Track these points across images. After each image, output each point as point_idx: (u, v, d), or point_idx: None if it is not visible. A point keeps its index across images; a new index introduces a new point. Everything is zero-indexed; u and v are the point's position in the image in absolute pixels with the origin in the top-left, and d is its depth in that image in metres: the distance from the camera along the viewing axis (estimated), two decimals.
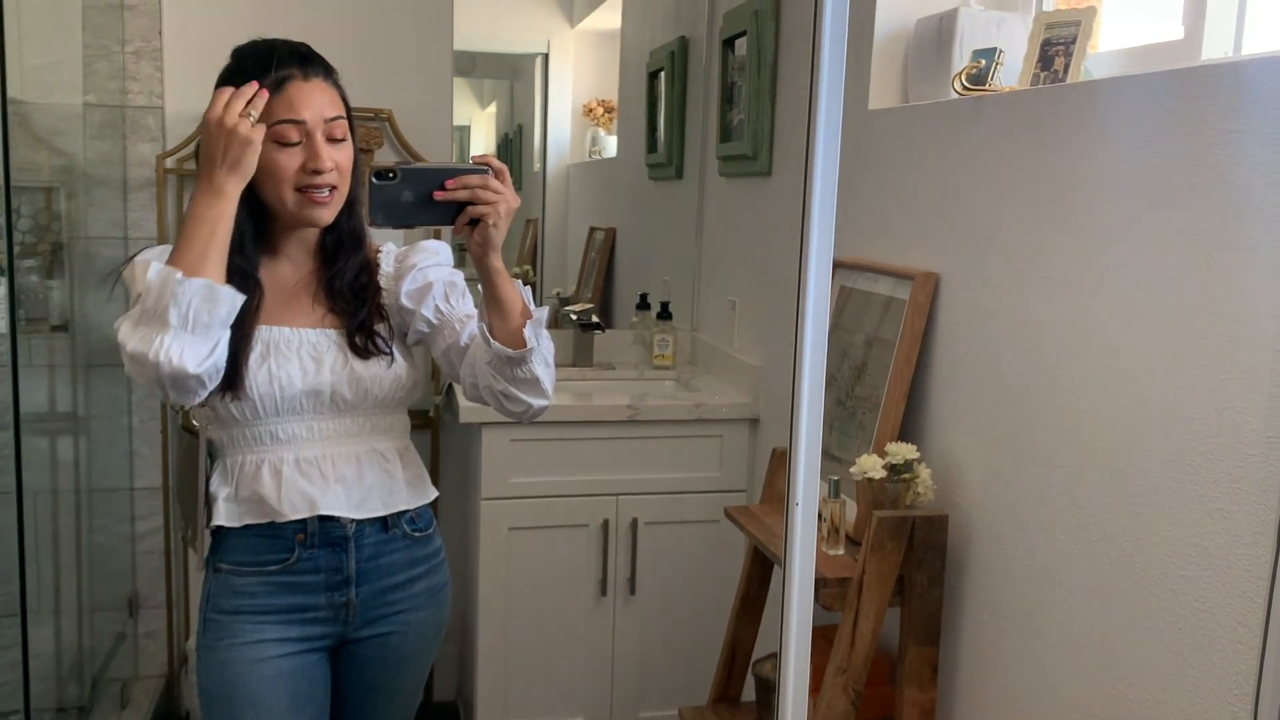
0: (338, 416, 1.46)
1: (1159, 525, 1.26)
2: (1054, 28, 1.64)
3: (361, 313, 1.48)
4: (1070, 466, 1.42)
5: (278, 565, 1.45)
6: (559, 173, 3.18)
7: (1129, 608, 1.31)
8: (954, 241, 1.70)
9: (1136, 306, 1.30)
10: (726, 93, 2.74)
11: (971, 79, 1.70)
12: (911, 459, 1.65)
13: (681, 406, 2.52)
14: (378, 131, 2.72)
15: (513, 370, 1.41)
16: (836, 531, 1.73)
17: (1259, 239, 1.12)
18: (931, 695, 1.67)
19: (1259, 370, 1.12)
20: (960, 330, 1.69)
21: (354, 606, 1.49)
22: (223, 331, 1.29)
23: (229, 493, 1.45)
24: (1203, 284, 1.20)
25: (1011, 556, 1.55)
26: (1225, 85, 1.18)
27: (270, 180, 1.38)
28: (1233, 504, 1.15)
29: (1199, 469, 1.20)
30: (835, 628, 1.68)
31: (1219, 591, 1.18)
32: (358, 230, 1.50)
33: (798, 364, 0.92)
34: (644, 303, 3.00)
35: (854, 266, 1.99)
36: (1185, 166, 1.22)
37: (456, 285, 1.54)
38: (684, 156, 3.00)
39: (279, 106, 1.37)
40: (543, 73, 3.13)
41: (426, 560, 1.56)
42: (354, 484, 1.47)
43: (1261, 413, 1.11)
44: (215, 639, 1.46)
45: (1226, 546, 1.16)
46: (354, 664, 1.54)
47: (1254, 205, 1.13)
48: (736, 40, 2.65)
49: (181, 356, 1.23)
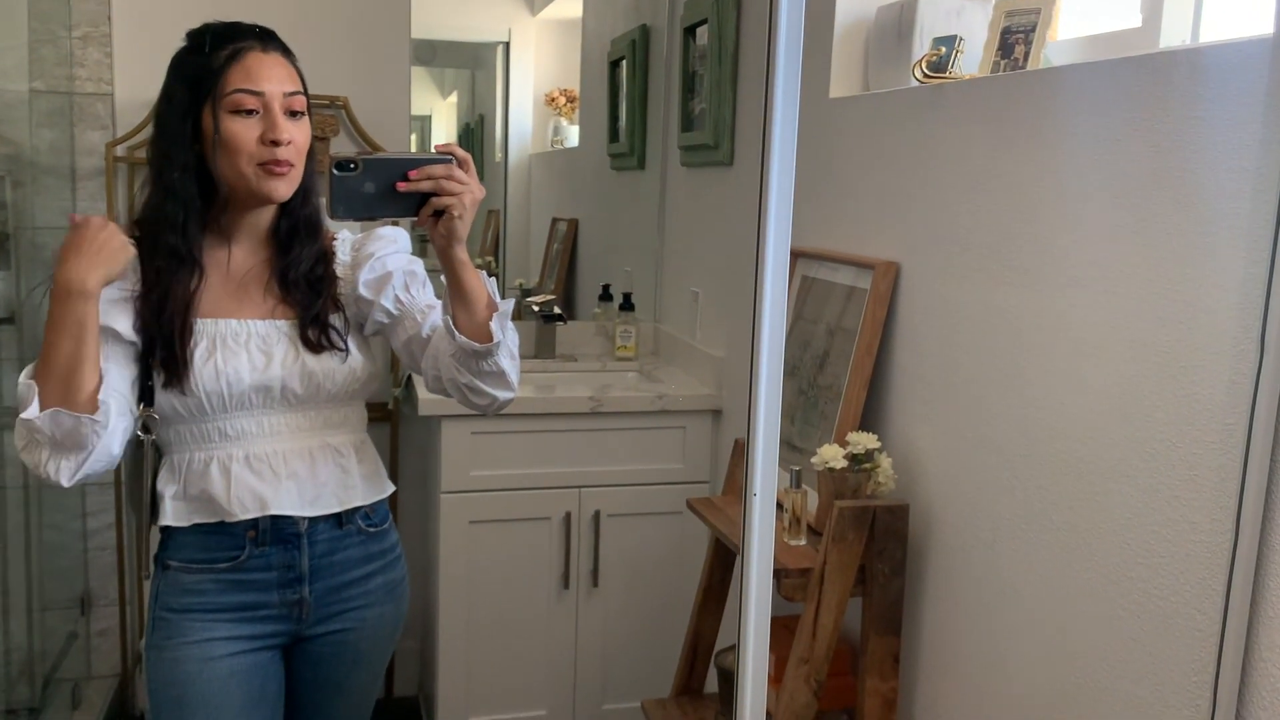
0: (289, 411, 1.43)
1: (1118, 513, 1.27)
2: (1014, 15, 1.64)
3: (316, 305, 1.44)
4: (1030, 455, 1.42)
5: (228, 563, 1.42)
6: (521, 163, 3.15)
7: (1089, 596, 1.31)
8: (915, 230, 1.70)
9: (1096, 294, 1.30)
10: (688, 82, 2.72)
11: (932, 67, 1.69)
12: (872, 448, 1.64)
13: (644, 398, 2.50)
14: (333, 119, 2.67)
15: (478, 363, 1.39)
16: (798, 522, 1.72)
17: (1218, 225, 1.12)
18: (893, 685, 1.67)
19: (1218, 358, 1.12)
20: (921, 320, 1.68)
21: (308, 604, 1.46)
22: (95, 441, 1.29)
23: (176, 490, 1.41)
24: (1162, 271, 1.20)
25: (972, 546, 1.54)
26: (1183, 72, 1.17)
27: (227, 152, 1.34)
28: (1191, 491, 1.16)
29: (1158, 457, 1.20)
30: (797, 618, 1.68)
31: (1178, 579, 1.18)
32: (314, 218, 1.47)
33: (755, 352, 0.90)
34: (606, 294, 2.98)
35: (816, 256, 1.98)
36: (1144, 153, 1.22)
37: (417, 274, 1.51)
38: (646, 146, 2.98)
39: (236, 76, 1.33)
40: (504, 62, 3.10)
41: (382, 556, 1.53)
42: (307, 480, 1.43)
43: (1220, 400, 1.11)
44: (165, 638, 1.42)
45: (1185, 534, 1.17)
46: (308, 662, 1.50)
47: (1212, 191, 1.13)
48: (698, 28, 2.63)
49: (58, 473, 1.29)
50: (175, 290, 1.36)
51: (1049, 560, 1.38)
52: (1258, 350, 1.05)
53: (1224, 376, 1.11)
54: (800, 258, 2.02)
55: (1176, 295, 1.18)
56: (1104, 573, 1.29)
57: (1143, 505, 1.23)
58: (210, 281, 1.40)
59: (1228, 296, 1.11)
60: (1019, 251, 1.44)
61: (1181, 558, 1.17)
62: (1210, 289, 1.13)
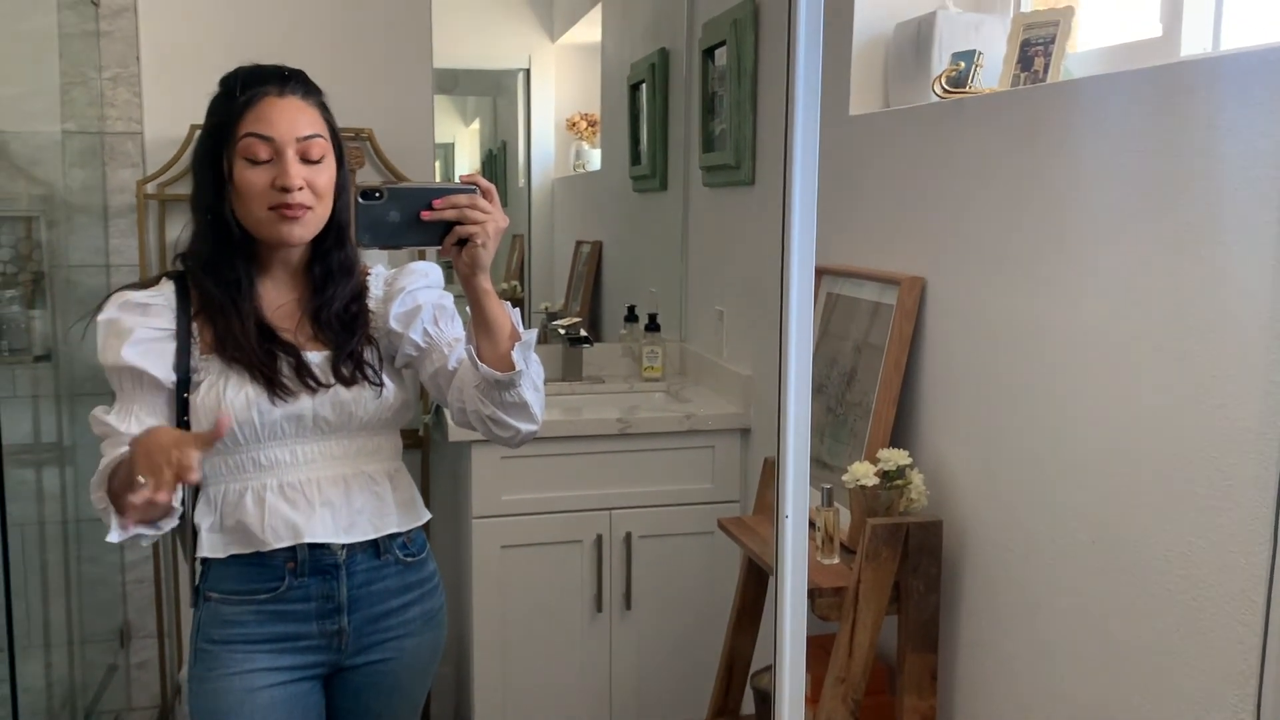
0: (322, 439, 1.44)
1: (1154, 525, 1.25)
2: (1033, 28, 1.64)
3: (350, 343, 1.46)
4: (1063, 468, 1.41)
5: (268, 594, 1.43)
6: (544, 187, 3.17)
7: (1127, 610, 1.30)
8: (939, 245, 1.69)
9: (1124, 304, 1.29)
10: (708, 103, 2.73)
11: (951, 81, 1.69)
12: (904, 465, 1.64)
13: (672, 418, 2.51)
14: (358, 151, 2.70)
15: (501, 394, 1.39)
16: (831, 540, 1.72)
17: (1245, 233, 1.12)
18: (931, 703, 1.65)
19: (1250, 366, 1.11)
20: (948, 334, 1.68)
21: (346, 634, 1.46)
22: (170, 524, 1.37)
23: (213, 522, 1.42)
24: (1190, 280, 1.19)
25: (1007, 560, 1.53)
26: (1204, 81, 1.17)
27: (241, 199, 1.37)
28: (1227, 502, 1.15)
29: (1192, 467, 1.19)
30: (833, 637, 1.67)
31: (1217, 590, 1.16)
32: (348, 260, 1.48)
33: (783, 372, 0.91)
34: (632, 315, 2.99)
35: (841, 273, 1.98)
36: (1168, 162, 1.22)
37: (445, 308, 1.52)
38: (667, 168, 3.00)
39: (248, 121, 1.36)
40: (525, 88, 3.13)
41: (420, 585, 1.54)
42: (341, 507, 1.44)
43: (1255, 409, 1.11)
44: (206, 669, 1.43)
45: (1222, 545, 1.15)
46: (348, 692, 1.51)
47: (1238, 199, 1.13)
48: (716, 50, 2.65)
49: (111, 531, 1.32)
50: (234, 322, 1.40)
51: (1085, 574, 1.37)
52: None
53: (1257, 385, 1.10)
54: (825, 274, 2.02)
55: (1206, 304, 1.17)
56: (1141, 586, 1.28)
57: (1178, 517, 1.22)
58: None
59: (1257, 303, 1.10)
60: (1045, 263, 1.44)
61: (1220, 569, 1.16)
62: (1240, 296, 1.12)
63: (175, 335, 1.40)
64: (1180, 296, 1.21)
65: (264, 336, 1.41)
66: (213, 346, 1.40)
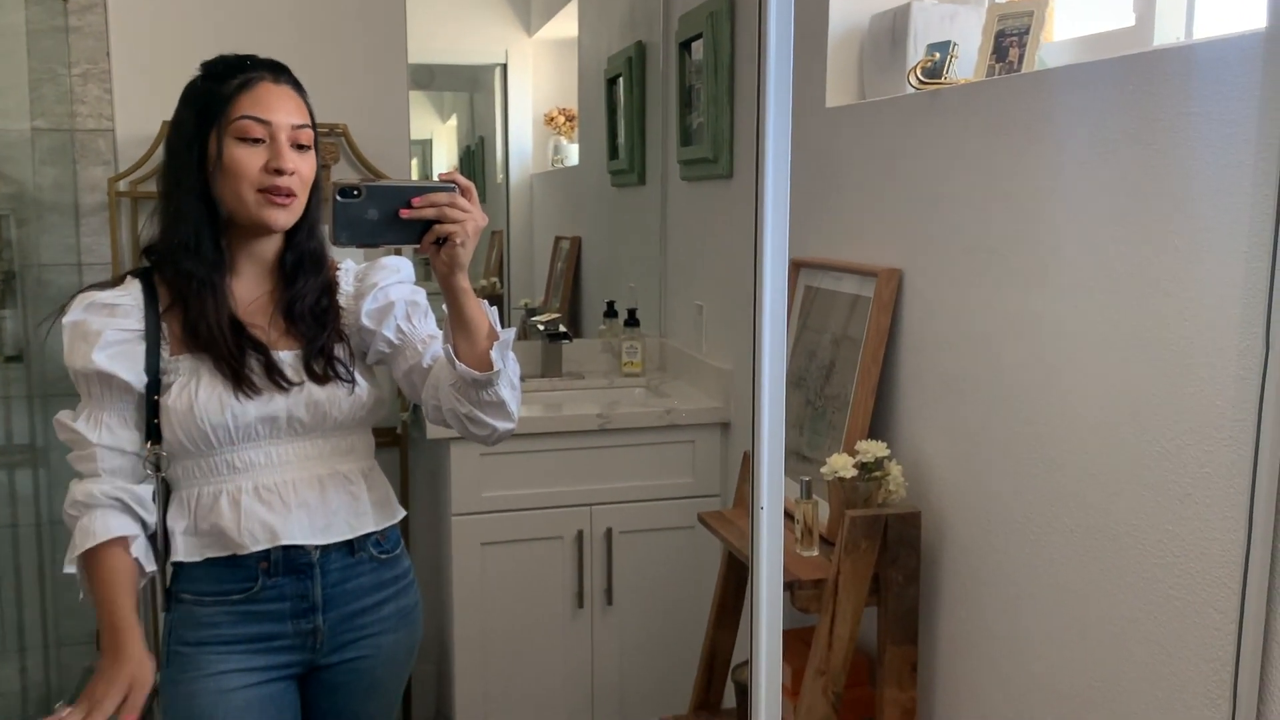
0: (296, 440, 1.43)
1: (1131, 514, 1.26)
2: (1007, 19, 1.64)
3: (321, 338, 1.44)
4: (1041, 458, 1.41)
5: (241, 594, 1.41)
6: (522, 183, 3.16)
7: (1105, 598, 1.30)
8: (916, 236, 1.69)
9: (1098, 294, 1.29)
10: (685, 96, 2.73)
11: (927, 73, 1.69)
12: (882, 456, 1.64)
13: (652, 413, 2.50)
14: (334, 147, 2.68)
15: (478, 393, 1.38)
16: (810, 533, 1.71)
17: (1218, 221, 1.12)
18: (911, 694, 1.65)
19: (1224, 354, 1.11)
20: (926, 325, 1.68)
21: (321, 633, 1.45)
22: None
23: (187, 525, 1.41)
24: (1163, 269, 1.19)
25: (986, 551, 1.53)
26: (1177, 69, 1.17)
27: (229, 177, 1.35)
28: (1203, 490, 1.15)
29: (1168, 456, 1.19)
30: (813, 630, 1.67)
31: (1193, 578, 1.17)
32: (319, 251, 1.47)
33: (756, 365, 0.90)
34: (611, 310, 2.98)
35: (818, 266, 1.97)
36: (1142, 151, 1.22)
37: (419, 304, 1.51)
38: (645, 162, 2.99)
39: (245, 103, 1.35)
40: (502, 83, 3.11)
41: (395, 582, 1.53)
42: (317, 508, 1.43)
43: (1229, 397, 1.11)
44: (180, 672, 1.42)
45: (1199, 533, 1.16)
46: (324, 691, 1.50)
47: (1211, 187, 1.13)
48: (693, 43, 2.64)
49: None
50: (208, 307, 1.37)
51: (1064, 563, 1.37)
52: (1263, 346, 1.05)
53: (1231, 373, 1.10)
54: (803, 268, 2.02)
55: (1180, 293, 1.17)
56: (1119, 574, 1.28)
57: (1155, 505, 1.22)
58: None
59: (1231, 292, 1.10)
60: (1021, 254, 1.44)
61: (1196, 556, 1.16)
62: (1213, 285, 1.12)
63: (144, 336, 1.38)
64: (1155, 285, 1.21)
65: (235, 330, 1.39)
66: (183, 342, 1.38)
